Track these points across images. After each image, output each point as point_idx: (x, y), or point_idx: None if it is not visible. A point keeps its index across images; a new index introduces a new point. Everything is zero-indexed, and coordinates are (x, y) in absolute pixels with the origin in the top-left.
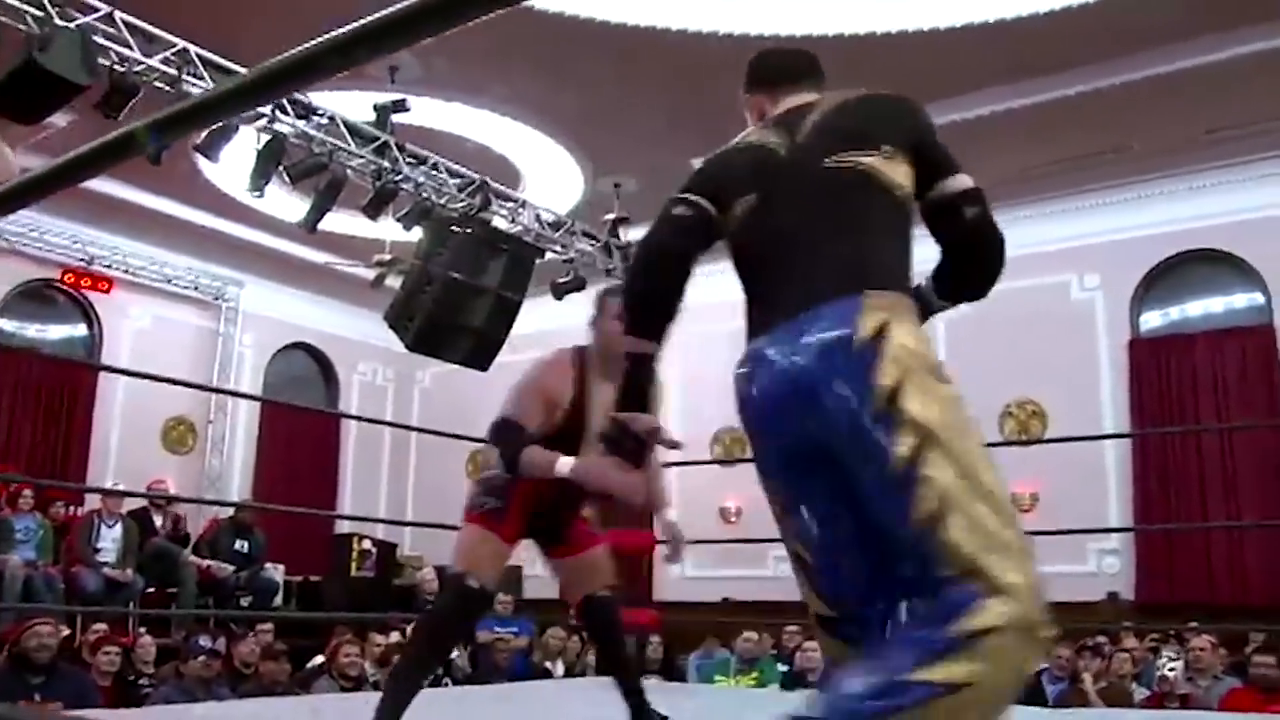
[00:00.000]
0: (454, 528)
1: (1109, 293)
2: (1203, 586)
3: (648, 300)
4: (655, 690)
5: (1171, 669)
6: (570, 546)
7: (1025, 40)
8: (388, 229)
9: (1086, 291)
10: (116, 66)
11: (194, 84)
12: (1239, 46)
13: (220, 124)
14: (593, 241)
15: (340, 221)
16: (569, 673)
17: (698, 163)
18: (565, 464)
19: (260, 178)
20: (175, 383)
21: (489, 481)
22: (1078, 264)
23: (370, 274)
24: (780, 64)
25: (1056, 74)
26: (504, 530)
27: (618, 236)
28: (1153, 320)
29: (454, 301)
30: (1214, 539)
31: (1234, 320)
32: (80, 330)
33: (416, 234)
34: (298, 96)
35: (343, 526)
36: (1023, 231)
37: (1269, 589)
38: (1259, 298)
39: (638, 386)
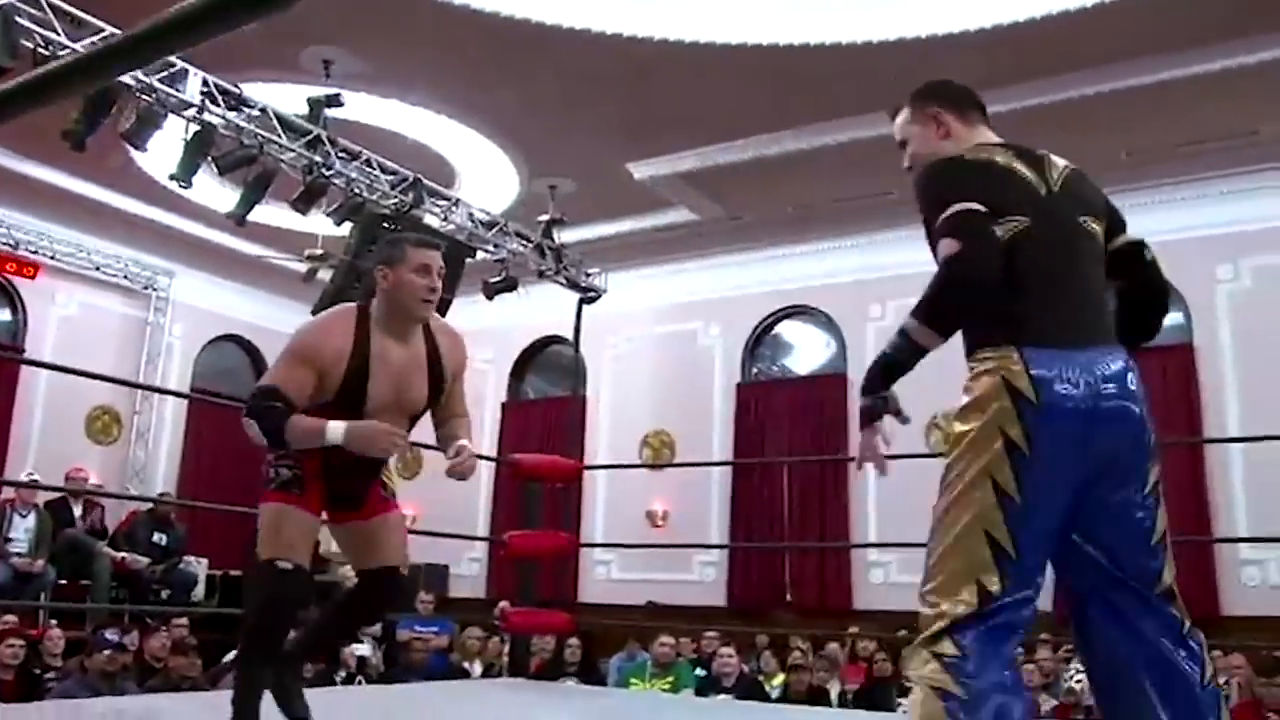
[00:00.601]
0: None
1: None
2: None
3: (960, 310)
4: (570, 692)
5: (1079, 681)
6: (361, 512)
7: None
8: (321, 223)
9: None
10: (40, 49)
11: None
12: (1164, 71)
13: (106, 104)
14: (525, 242)
15: (273, 214)
16: (487, 673)
17: (634, 168)
18: (335, 430)
19: (188, 168)
20: (100, 378)
21: (277, 451)
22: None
23: (303, 267)
24: (965, 91)
25: (984, 91)
26: (306, 501)
27: (551, 238)
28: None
29: None
30: None
31: (1157, 339)
32: (4, 315)
33: (349, 229)
34: (228, 87)
35: None
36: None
37: (1185, 603)
38: (1180, 317)
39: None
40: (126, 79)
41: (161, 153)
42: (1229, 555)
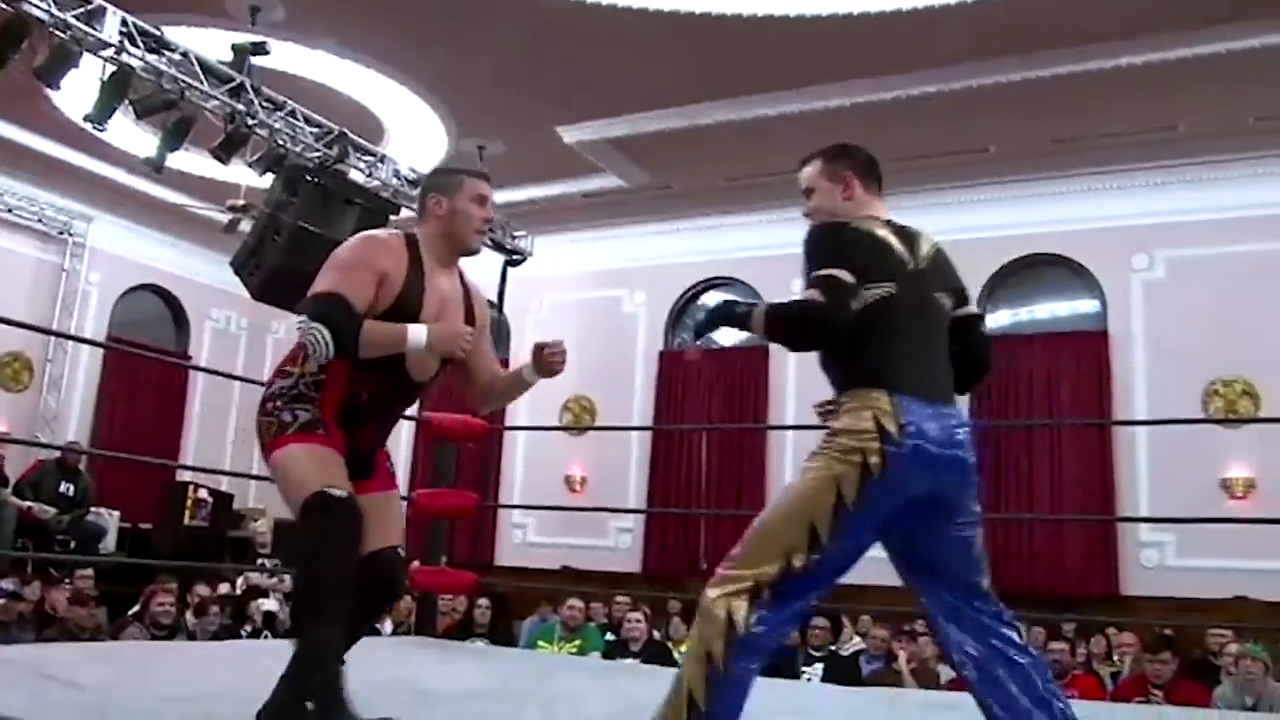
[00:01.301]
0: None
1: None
2: (1023, 576)
3: (800, 345)
4: (473, 652)
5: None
6: (372, 482)
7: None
8: (244, 173)
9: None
10: None
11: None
12: (1091, 61)
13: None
14: None
15: (195, 162)
16: (395, 631)
17: (564, 132)
18: (418, 332)
19: (104, 110)
20: (12, 323)
21: (288, 392)
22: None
23: (224, 218)
24: (873, 161)
25: (924, 70)
26: (332, 442)
27: None
28: (1001, 319)
29: (302, 252)
30: (1036, 530)
31: (1074, 325)
32: None
33: (271, 180)
34: (149, 29)
35: (183, 476)
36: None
37: (1083, 580)
38: (1097, 304)
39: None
40: (39, 13)
41: (79, 93)
42: (1130, 537)
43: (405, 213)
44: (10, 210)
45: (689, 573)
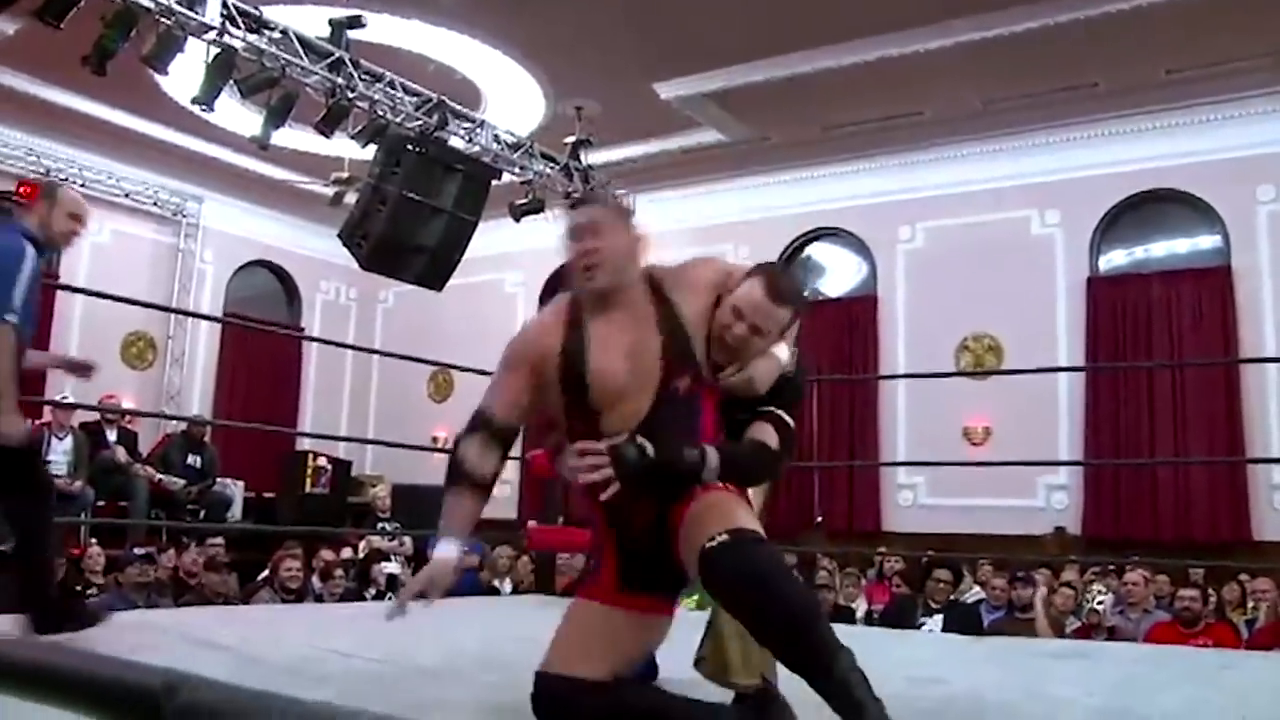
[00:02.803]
0: (414, 447)
1: (1069, 229)
2: (1147, 522)
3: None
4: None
5: (1100, 602)
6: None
7: None
8: (347, 146)
9: (1046, 228)
10: None
11: None
12: None
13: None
14: (552, 164)
15: (298, 138)
16: (515, 591)
17: (660, 89)
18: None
19: (210, 91)
20: (132, 302)
21: None
22: (1039, 200)
23: (329, 191)
24: None
25: (1022, 6)
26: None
27: (578, 159)
28: (1115, 259)
29: (407, 221)
30: (1161, 476)
31: (1193, 261)
32: None
33: (374, 151)
34: (249, 9)
35: (303, 444)
36: (984, 166)
37: (1212, 526)
38: (1218, 239)
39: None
40: (146, 1)
41: (186, 77)
42: (1262, 479)
43: (507, 177)
44: (127, 195)
45: (805, 526)
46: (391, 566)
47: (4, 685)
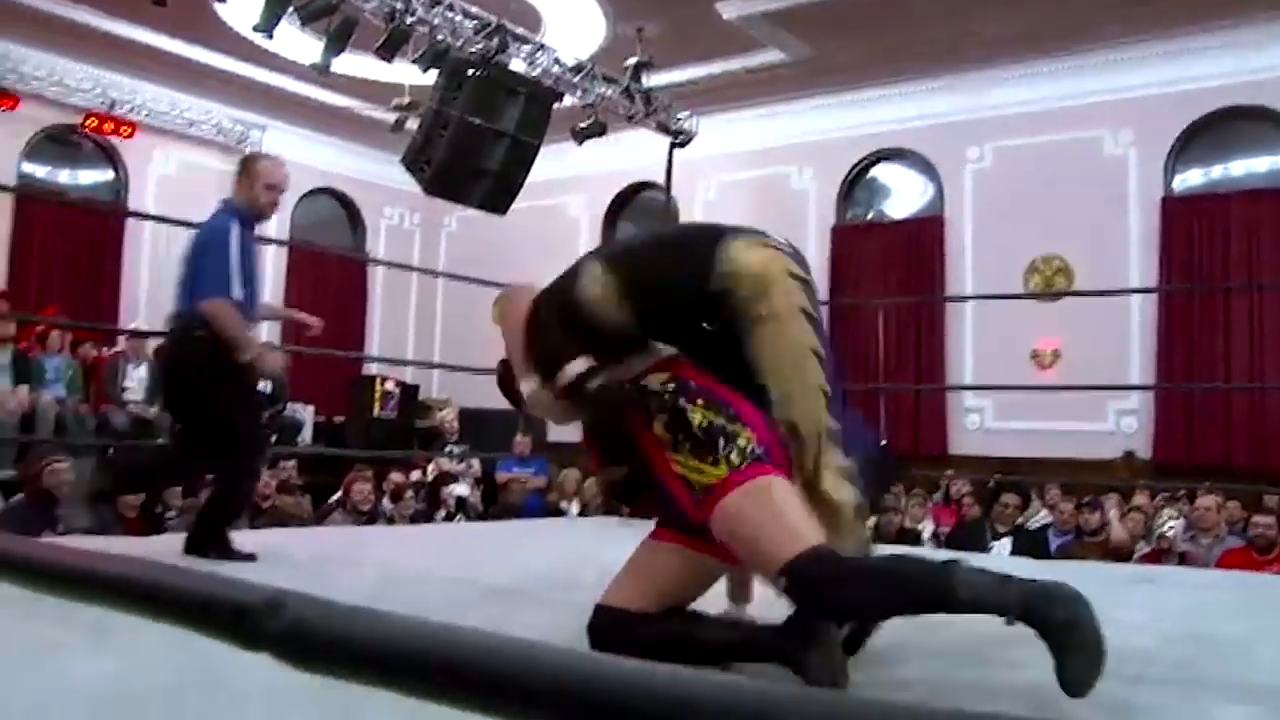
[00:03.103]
0: (480, 370)
1: (1143, 149)
2: (1220, 448)
3: None
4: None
5: (1170, 528)
6: None
7: None
8: (407, 72)
9: (1120, 147)
10: None
11: None
12: None
13: None
14: (613, 86)
15: (360, 64)
16: (583, 513)
17: (722, 8)
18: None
19: (269, 18)
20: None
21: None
22: (1112, 119)
23: (391, 118)
24: None
25: None
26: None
27: (639, 81)
28: (1191, 179)
29: (470, 145)
30: (1235, 401)
31: (1273, 180)
32: (106, 175)
33: (435, 76)
34: None
35: (370, 369)
36: (1056, 84)
37: None
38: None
39: None
40: None
41: (246, 5)
42: None
43: (568, 100)
44: (192, 125)
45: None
46: (460, 488)
47: (113, 600)
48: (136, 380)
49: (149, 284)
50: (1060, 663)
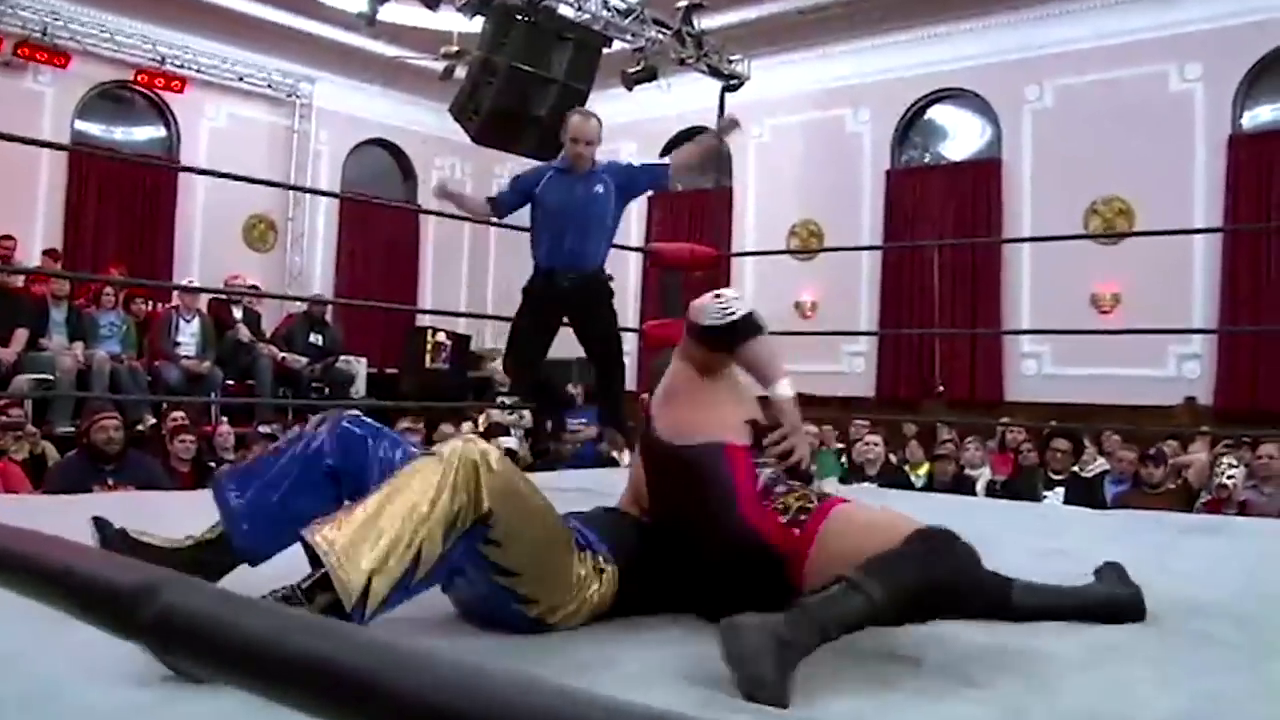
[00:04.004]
0: None
1: (1210, 84)
2: None
3: None
4: None
5: (1230, 476)
6: None
7: None
8: (455, 20)
9: (1186, 83)
10: None
11: None
12: None
13: None
14: (664, 30)
15: (406, 13)
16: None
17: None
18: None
19: None
20: (252, 181)
21: None
22: (1178, 53)
23: (439, 66)
24: None
25: None
26: None
27: (691, 24)
28: (1261, 115)
29: (518, 92)
30: None
31: None
32: (158, 131)
33: (481, 23)
34: None
35: (423, 320)
36: (1119, 19)
37: None
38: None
39: None
40: None
41: None
42: None
43: (618, 45)
44: (241, 79)
45: (924, 394)
46: (509, 441)
47: None
48: (189, 335)
49: (202, 238)
50: None
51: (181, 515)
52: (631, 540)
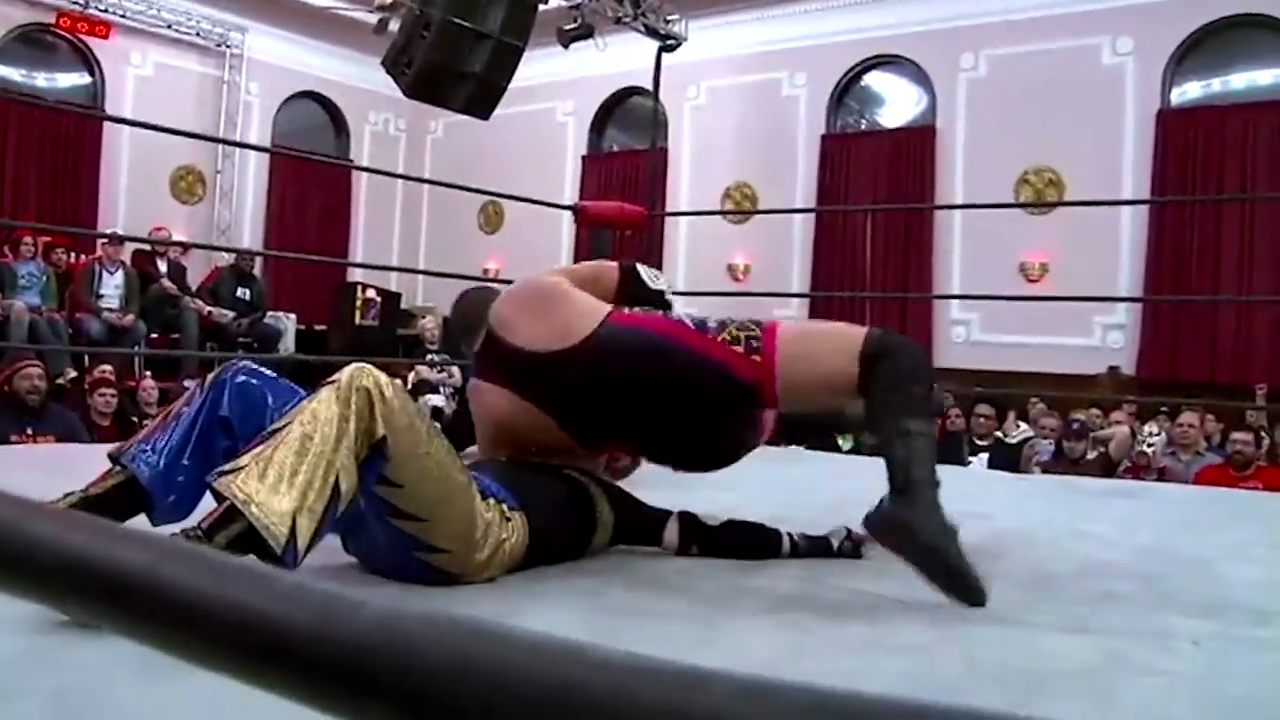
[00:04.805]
0: (464, 276)
1: (1141, 58)
2: (1205, 364)
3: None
4: None
5: (1150, 444)
6: None
7: None
8: None
9: (1118, 56)
10: None
11: None
12: None
13: None
14: None
15: None
16: None
17: None
18: None
19: None
20: (180, 133)
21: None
22: (1111, 26)
23: (374, 19)
24: None
25: None
26: None
27: None
28: (1190, 91)
29: (452, 46)
30: (1222, 316)
31: (1276, 94)
32: (83, 78)
33: None
34: None
35: (353, 276)
36: None
37: (1273, 369)
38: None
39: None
40: None
41: None
42: None
43: (554, 1)
44: (169, 26)
45: None
46: (436, 399)
47: None
48: (112, 287)
49: (127, 189)
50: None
51: (101, 466)
52: (527, 485)
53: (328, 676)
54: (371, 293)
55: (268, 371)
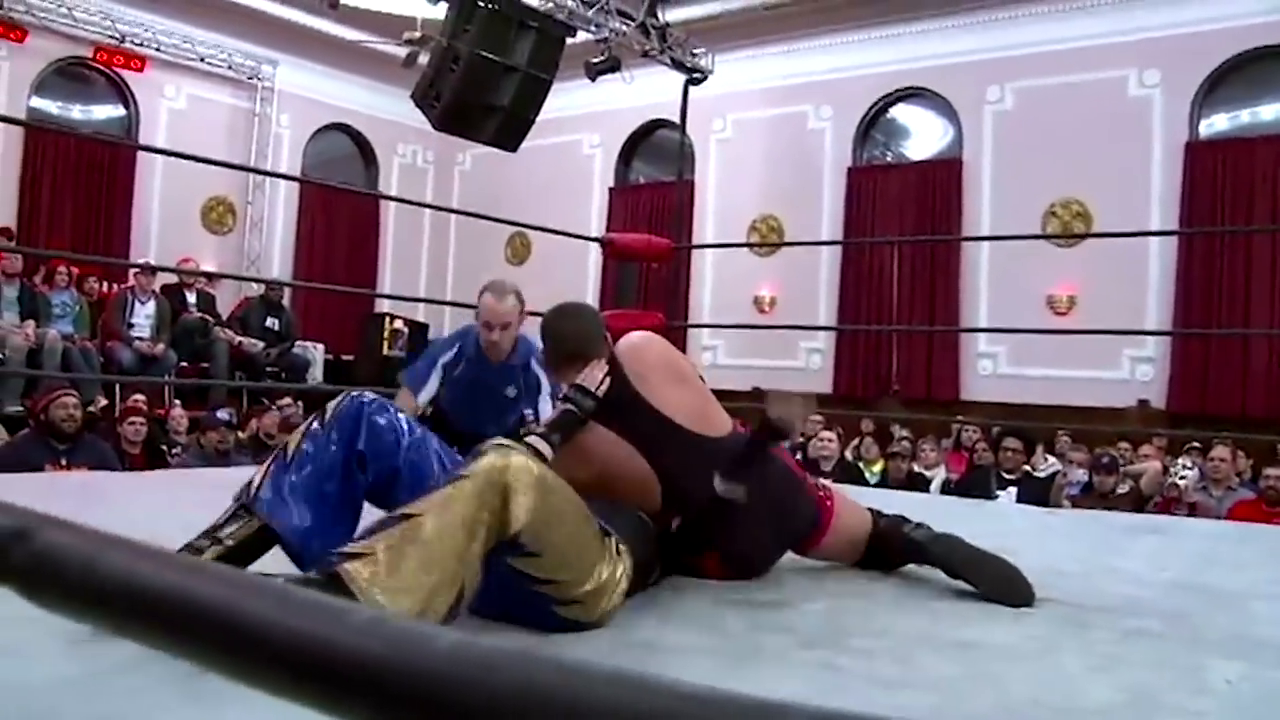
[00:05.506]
0: None
1: (1169, 90)
2: (1236, 398)
3: None
4: None
5: (1182, 478)
6: None
7: None
8: (419, 5)
9: (1145, 89)
10: None
11: None
12: None
13: None
14: (628, 21)
15: None
16: None
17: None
18: None
19: None
20: (211, 163)
21: None
22: (1138, 59)
23: (402, 52)
24: None
25: None
26: None
27: (655, 16)
28: (1217, 123)
29: (480, 80)
30: (1253, 350)
31: None
32: (117, 110)
33: (444, 9)
34: None
35: (381, 306)
36: (1080, 23)
37: None
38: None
39: None
40: None
41: None
42: None
43: (582, 35)
44: (203, 59)
45: (880, 392)
46: None
47: None
48: (144, 316)
49: (159, 219)
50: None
51: (134, 496)
52: (621, 521)
53: (405, 706)
54: (399, 323)
55: (391, 405)
